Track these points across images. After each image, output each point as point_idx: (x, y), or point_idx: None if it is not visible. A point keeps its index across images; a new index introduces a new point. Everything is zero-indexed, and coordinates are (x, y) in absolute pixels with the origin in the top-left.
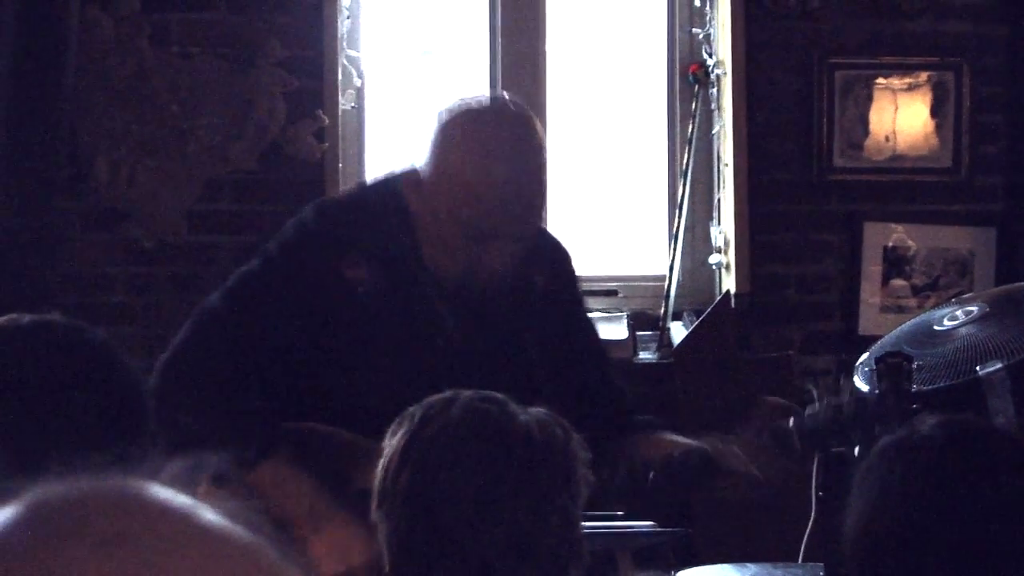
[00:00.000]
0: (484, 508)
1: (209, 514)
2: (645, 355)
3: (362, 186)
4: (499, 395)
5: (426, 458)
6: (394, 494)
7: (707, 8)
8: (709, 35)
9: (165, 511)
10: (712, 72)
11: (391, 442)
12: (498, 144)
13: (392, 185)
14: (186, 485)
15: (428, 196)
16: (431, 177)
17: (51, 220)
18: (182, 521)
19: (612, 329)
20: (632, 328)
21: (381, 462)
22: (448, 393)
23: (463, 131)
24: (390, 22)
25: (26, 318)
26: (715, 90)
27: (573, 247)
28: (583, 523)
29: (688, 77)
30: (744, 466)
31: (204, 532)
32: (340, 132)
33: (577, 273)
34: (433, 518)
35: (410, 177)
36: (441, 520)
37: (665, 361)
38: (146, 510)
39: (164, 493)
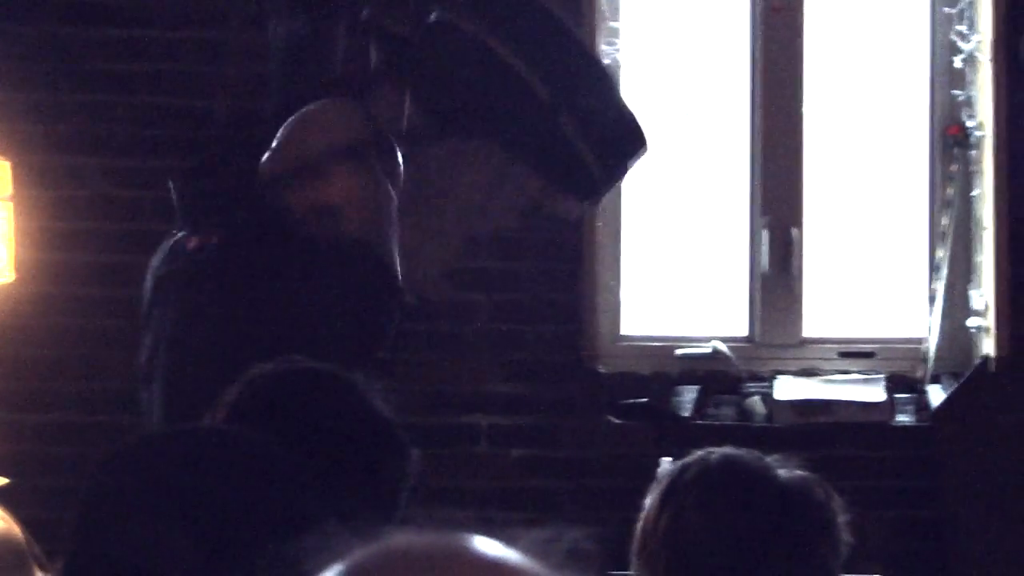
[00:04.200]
0: (741, 555)
1: (537, 567)
2: (903, 418)
3: None
4: (756, 452)
5: (684, 503)
6: (653, 540)
7: (967, 70)
8: (970, 97)
9: (498, 566)
10: (972, 134)
11: (652, 494)
12: None
13: None
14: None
15: None
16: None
17: None
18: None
19: (869, 391)
20: (890, 391)
21: (642, 514)
22: (709, 449)
23: None
24: (653, 93)
25: (303, 365)
26: (975, 152)
27: (830, 307)
28: None
29: (948, 139)
30: None
31: None
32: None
33: None
34: (690, 562)
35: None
36: (698, 564)
37: (923, 424)
38: (480, 565)
39: (492, 547)
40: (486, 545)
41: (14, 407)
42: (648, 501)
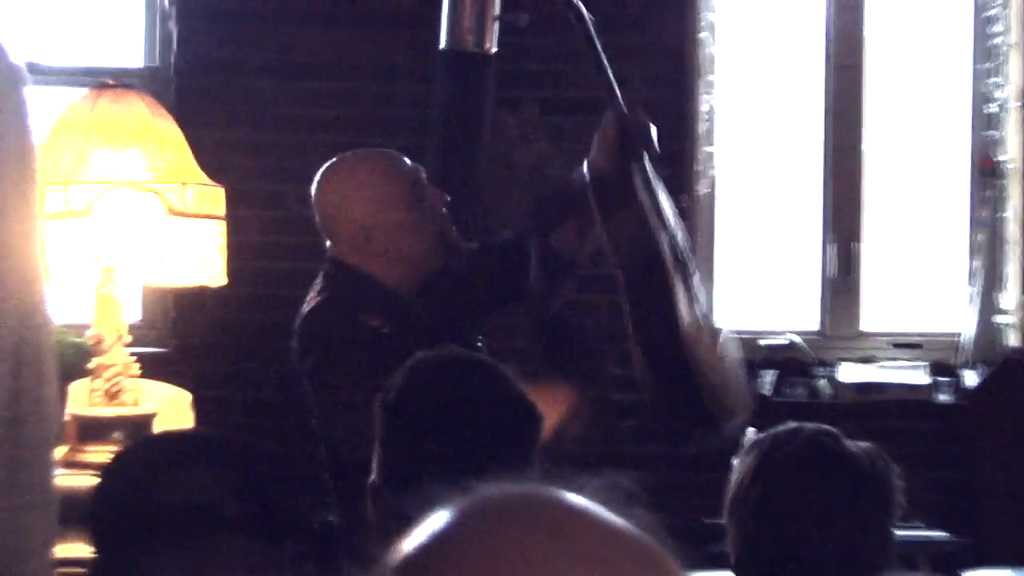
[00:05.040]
0: (821, 520)
1: (618, 519)
2: (943, 397)
3: (326, 286)
4: (834, 429)
5: (775, 478)
6: (745, 505)
7: (1001, 115)
8: (1002, 137)
9: (587, 513)
10: (1003, 167)
11: (743, 461)
12: (364, 161)
13: (334, 271)
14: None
15: (369, 244)
16: (356, 233)
17: None
18: (602, 523)
19: (915, 375)
20: (932, 375)
21: (733, 478)
22: (793, 425)
23: (343, 182)
24: (739, 125)
25: (453, 351)
26: (1005, 182)
27: (882, 305)
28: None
29: (984, 171)
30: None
31: (620, 534)
32: (700, 211)
33: None
34: (778, 526)
35: (341, 255)
36: (785, 528)
37: (959, 403)
38: (574, 511)
39: (578, 498)
40: (567, 496)
41: (224, 385)
42: (739, 465)
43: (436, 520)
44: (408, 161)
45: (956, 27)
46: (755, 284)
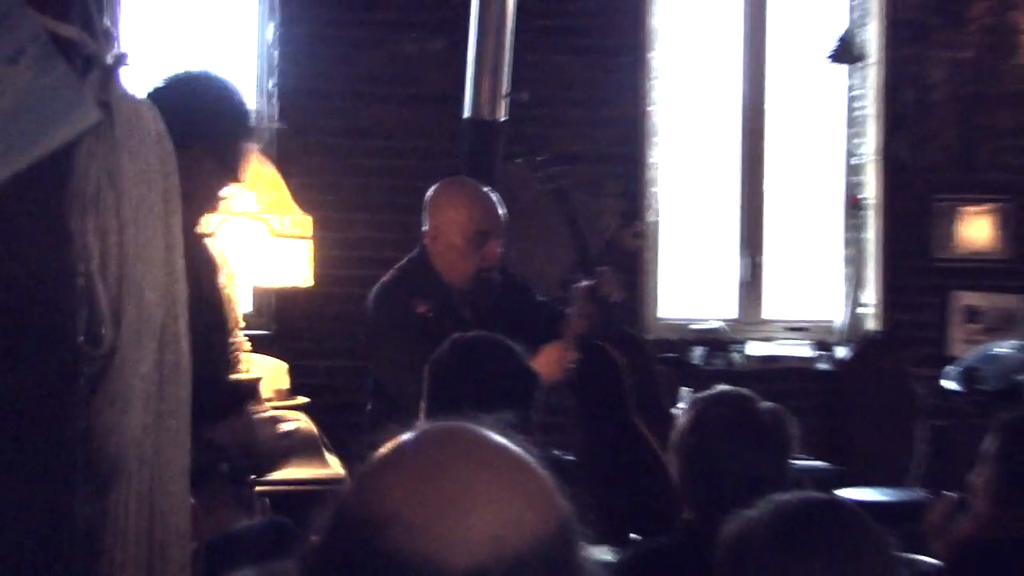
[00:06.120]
0: (739, 458)
1: (518, 448)
2: (822, 366)
3: (405, 265)
4: (750, 392)
5: (707, 429)
6: (685, 448)
7: (863, 165)
8: (862, 180)
9: (494, 442)
10: (865, 202)
11: (683, 415)
12: (463, 191)
13: (418, 254)
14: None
15: (434, 242)
16: (431, 231)
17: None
18: (506, 452)
19: (803, 351)
20: (815, 350)
21: (676, 427)
22: (720, 388)
23: (442, 194)
24: (678, 172)
25: (482, 334)
26: (865, 213)
27: (779, 300)
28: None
29: (852, 205)
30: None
31: (506, 450)
32: (649, 233)
33: (520, 279)
34: (709, 464)
35: (425, 240)
36: (714, 465)
37: (834, 370)
38: (480, 436)
39: (486, 430)
40: (479, 427)
41: (312, 356)
42: (680, 418)
43: (395, 441)
44: (500, 216)
45: (833, 101)
46: (690, 284)
